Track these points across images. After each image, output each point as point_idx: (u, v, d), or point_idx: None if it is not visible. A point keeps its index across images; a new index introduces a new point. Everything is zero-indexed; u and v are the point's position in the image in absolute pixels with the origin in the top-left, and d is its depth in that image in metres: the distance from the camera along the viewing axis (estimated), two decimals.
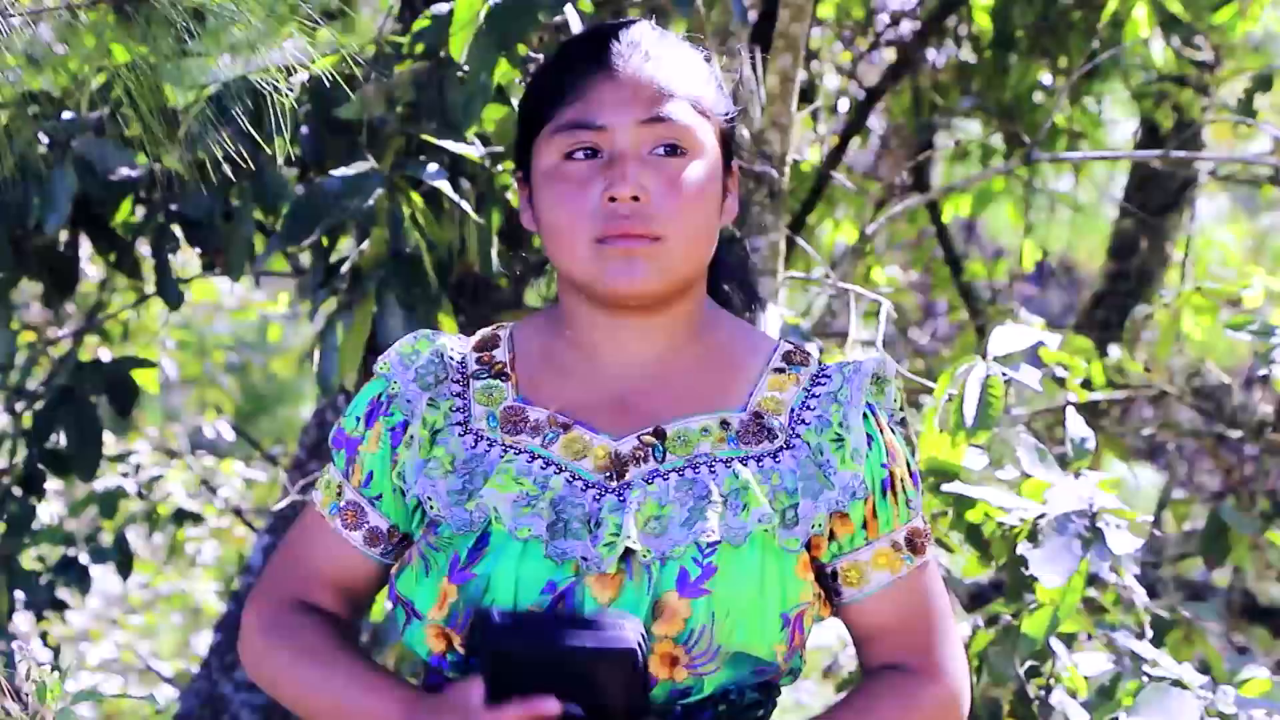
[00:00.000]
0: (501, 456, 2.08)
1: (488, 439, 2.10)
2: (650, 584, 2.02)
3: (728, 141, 2.14)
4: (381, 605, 3.23)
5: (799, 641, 2.09)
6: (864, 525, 2.11)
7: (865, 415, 2.11)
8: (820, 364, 2.15)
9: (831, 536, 2.10)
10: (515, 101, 3.34)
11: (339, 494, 2.16)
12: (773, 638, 2.05)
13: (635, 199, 2.05)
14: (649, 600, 2.02)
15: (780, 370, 2.14)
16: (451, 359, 2.16)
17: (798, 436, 2.09)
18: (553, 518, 2.04)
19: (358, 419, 2.16)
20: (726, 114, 2.14)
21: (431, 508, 2.07)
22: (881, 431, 2.12)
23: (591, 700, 1.97)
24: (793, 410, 2.11)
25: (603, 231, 2.05)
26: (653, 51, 2.11)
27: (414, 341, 2.17)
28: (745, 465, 2.07)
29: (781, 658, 2.07)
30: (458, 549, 2.05)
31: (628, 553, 2.02)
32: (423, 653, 2.10)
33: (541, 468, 2.07)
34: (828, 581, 2.12)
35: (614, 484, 2.06)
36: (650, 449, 2.08)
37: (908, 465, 2.14)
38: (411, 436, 2.11)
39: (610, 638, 1.97)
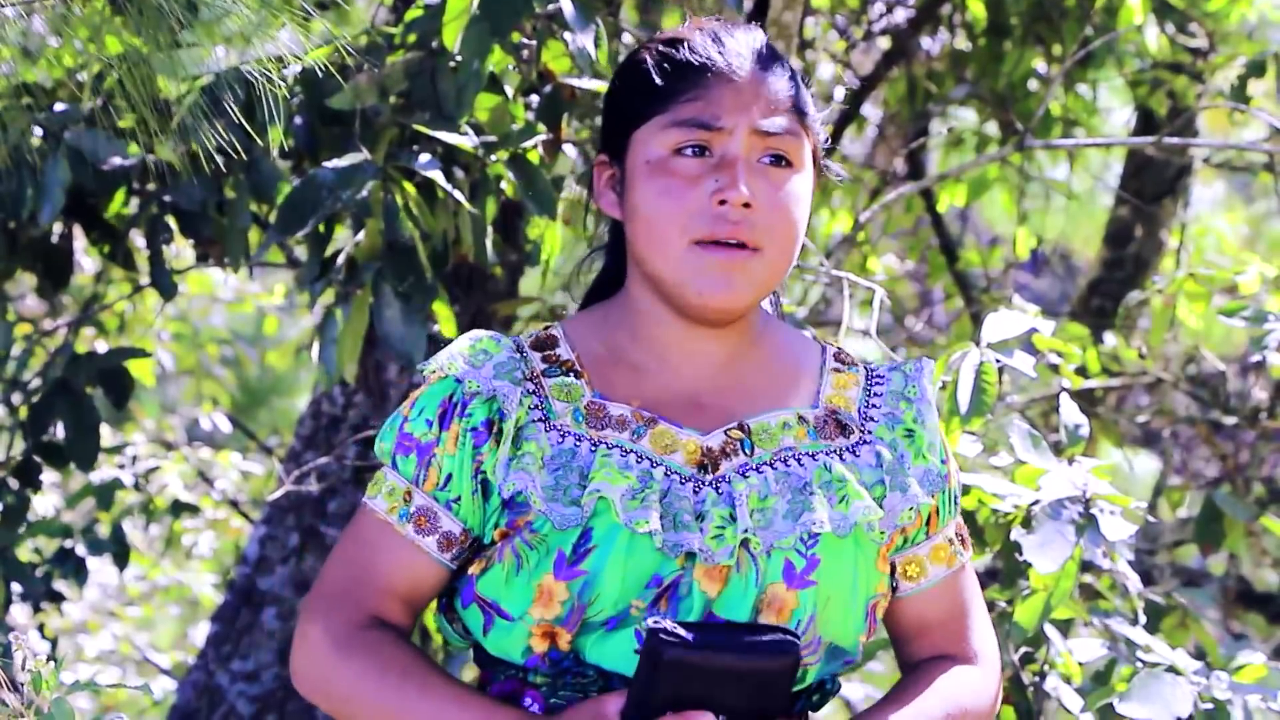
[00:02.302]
0: (594, 451, 2.06)
1: (574, 435, 2.07)
2: (758, 576, 2.03)
3: (816, 159, 2.15)
4: None
5: (872, 633, 2.13)
6: (927, 521, 2.16)
7: None
8: (866, 364, 2.19)
9: (901, 531, 2.15)
10: (509, 90, 3.34)
11: (407, 500, 2.10)
12: (858, 628, 2.10)
13: (746, 205, 2.05)
14: (755, 592, 2.04)
15: (838, 370, 2.18)
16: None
17: (870, 433, 2.13)
18: (661, 511, 2.03)
19: (429, 422, 2.10)
20: (821, 133, 2.15)
21: (534, 503, 2.03)
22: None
23: (749, 708, 1.96)
24: (859, 408, 2.15)
25: (707, 233, 2.05)
26: (771, 61, 2.12)
27: (474, 341, 2.12)
28: (831, 458, 2.09)
29: (860, 648, 2.11)
30: (561, 545, 2.02)
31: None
32: (516, 654, 2.06)
33: (637, 461, 2.06)
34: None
35: (708, 477, 2.07)
36: (739, 443, 2.09)
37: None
38: (502, 432, 2.06)
39: (781, 646, 1.96)
